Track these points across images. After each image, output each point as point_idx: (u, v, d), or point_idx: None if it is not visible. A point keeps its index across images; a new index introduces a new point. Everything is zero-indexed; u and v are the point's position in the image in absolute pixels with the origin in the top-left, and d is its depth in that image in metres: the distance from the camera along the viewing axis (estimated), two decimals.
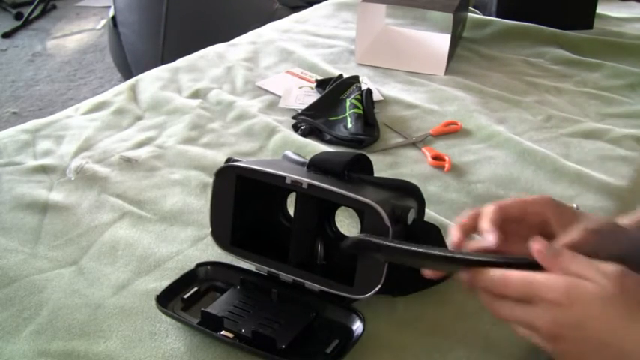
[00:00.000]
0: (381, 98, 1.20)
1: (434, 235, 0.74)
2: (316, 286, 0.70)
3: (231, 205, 0.73)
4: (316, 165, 0.73)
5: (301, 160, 0.77)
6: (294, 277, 0.71)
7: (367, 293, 0.67)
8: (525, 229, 0.57)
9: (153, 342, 0.68)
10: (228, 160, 0.74)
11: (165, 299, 0.70)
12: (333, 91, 1.17)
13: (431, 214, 0.84)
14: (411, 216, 0.68)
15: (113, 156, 1.00)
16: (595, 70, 1.32)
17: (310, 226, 0.74)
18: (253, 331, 0.65)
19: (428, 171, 0.98)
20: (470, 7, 1.55)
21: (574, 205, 0.88)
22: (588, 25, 1.51)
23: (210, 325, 0.67)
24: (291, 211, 0.77)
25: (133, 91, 1.20)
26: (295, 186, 0.69)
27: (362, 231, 0.68)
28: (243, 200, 0.74)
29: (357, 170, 0.73)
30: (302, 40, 1.44)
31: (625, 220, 0.64)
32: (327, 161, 0.73)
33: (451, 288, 0.74)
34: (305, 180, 0.68)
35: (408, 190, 0.74)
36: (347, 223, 0.81)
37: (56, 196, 0.91)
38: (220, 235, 0.75)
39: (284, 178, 0.69)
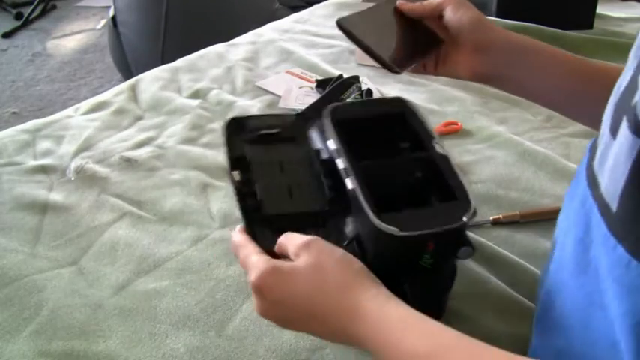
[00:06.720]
0: None
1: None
2: None
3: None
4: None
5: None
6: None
7: None
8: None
9: (153, 342, 0.68)
10: None
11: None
12: (333, 91, 1.17)
13: None
14: None
15: (113, 156, 1.00)
16: None
17: None
18: None
19: None
20: None
21: None
22: (588, 25, 1.51)
23: None
24: None
25: (133, 91, 1.20)
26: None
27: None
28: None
29: None
30: (302, 40, 1.44)
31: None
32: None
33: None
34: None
35: None
36: None
37: (56, 196, 0.91)
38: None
39: None
